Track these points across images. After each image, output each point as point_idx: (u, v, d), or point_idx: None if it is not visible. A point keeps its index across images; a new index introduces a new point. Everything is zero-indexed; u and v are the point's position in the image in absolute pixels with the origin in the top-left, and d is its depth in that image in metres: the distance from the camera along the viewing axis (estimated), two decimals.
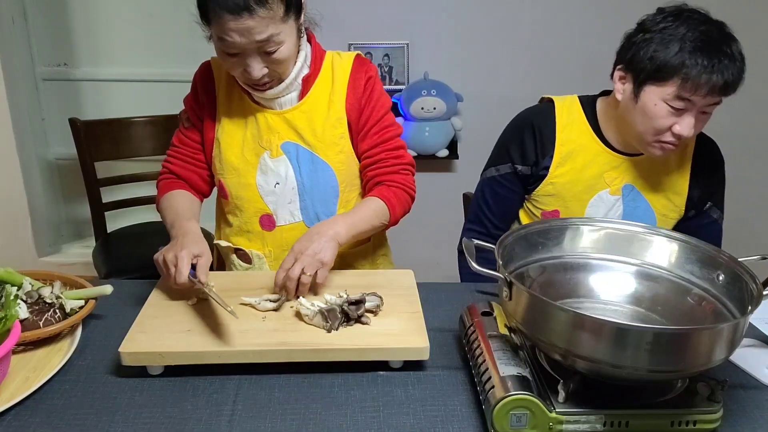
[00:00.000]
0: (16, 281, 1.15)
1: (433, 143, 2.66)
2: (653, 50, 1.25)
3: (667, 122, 1.28)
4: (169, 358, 1.02)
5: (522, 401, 0.88)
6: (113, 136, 2.28)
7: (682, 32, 1.24)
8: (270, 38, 1.20)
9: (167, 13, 2.70)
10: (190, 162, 1.42)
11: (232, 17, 1.15)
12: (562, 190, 1.43)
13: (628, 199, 1.43)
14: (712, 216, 1.49)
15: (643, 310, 1.07)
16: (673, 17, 1.27)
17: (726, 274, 1.00)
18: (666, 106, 1.27)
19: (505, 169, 1.48)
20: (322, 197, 1.39)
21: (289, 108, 1.36)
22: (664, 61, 1.24)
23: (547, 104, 1.47)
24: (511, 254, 1.05)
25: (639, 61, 1.28)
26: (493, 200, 1.51)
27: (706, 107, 1.28)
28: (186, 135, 1.42)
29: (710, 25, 1.26)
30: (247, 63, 1.23)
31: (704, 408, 0.91)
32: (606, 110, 1.42)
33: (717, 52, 1.22)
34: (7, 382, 0.99)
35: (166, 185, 1.42)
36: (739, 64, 1.24)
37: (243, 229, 1.43)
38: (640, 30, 1.30)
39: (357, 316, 1.10)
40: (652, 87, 1.27)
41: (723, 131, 2.71)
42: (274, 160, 1.37)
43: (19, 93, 2.68)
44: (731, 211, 2.80)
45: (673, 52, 1.23)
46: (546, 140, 1.43)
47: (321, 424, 0.94)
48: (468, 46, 2.65)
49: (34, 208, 2.79)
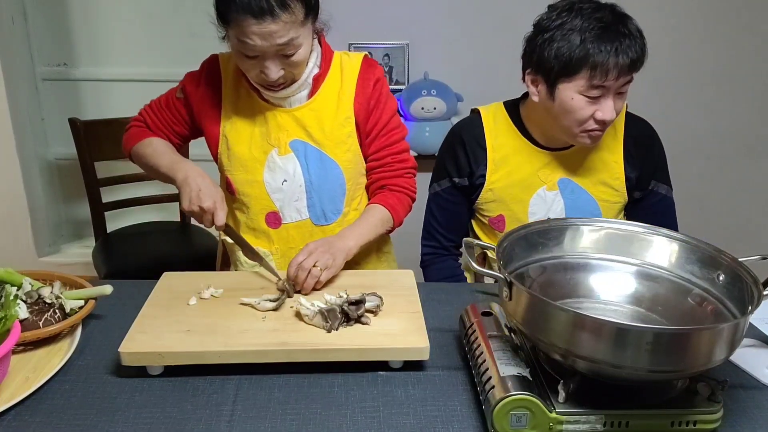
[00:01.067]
0: (16, 281, 1.15)
1: (433, 143, 2.66)
2: (556, 48, 1.28)
3: (587, 112, 1.31)
4: (169, 358, 1.02)
5: (522, 401, 0.88)
6: (113, 136, 2.26)
7: (578, 24, 1.27)
8: (290, 42, 1.21)
9: (167, 13, 2.70)
10: (166, 125, 1.45)
11: (255, 21, 1.16)
12: (501, 194, 1.46)
13: (566, 192, 1.45)
14: (660, 192, 1.50)
15: (643, 310, 1.07)
16: (566, 12, 1.30)
17: (726, 274, 1.00)
18: (583, 98, 1.30)
19: (444, 184, 1.53)
20: (330, 195, 1.40)
21: (299, 106, 1.37)
22: (569, 56, 1.27)
23: (474, 115, 1.51)
24: (511, 254, 1.05)
25: (546, 61, 1.31)
26: (440, 214, 1.56)
27: (620, 88, 1.31)
28: (173, 103, 1.44)
29: (603, 10, 1.29)
30: (265, 65, 1.24)
31: (704, 408, 0.91)
32: (528, 112, 1.46)
33: (617, 34, 1.26)
34: (7, 382, 0.99)
35: (142, 132, 1.44)
36: (640, 40, 1.28)
37: (249, 226, 1.43)
38: (538, 31, 1.34)
39: (357, 316, 1.10)
40: (564, 84, 1.30)
41: (723, 132, 2.72)
42: (283, 158, 1.37)
43: (19, 93, 2.68)
44: (731, 212, 2.81)
45: (576, 45, 1.26)
46: (477, 149, 1.46)
47: (321, 424, 0.94)
48: (468, 46, 2.65)
49: (34, 208, 2.79)
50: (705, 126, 2.68)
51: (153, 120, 1.45)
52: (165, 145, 1.41)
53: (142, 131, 1.45)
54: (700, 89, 2.64)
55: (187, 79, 1.43)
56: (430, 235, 1.59)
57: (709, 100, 2.67)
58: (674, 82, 2.65)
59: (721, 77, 2.62)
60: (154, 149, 1.39)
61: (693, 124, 2.70)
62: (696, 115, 2.68)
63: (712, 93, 2.67)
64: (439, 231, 1.57)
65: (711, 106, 2.67)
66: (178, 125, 1.45)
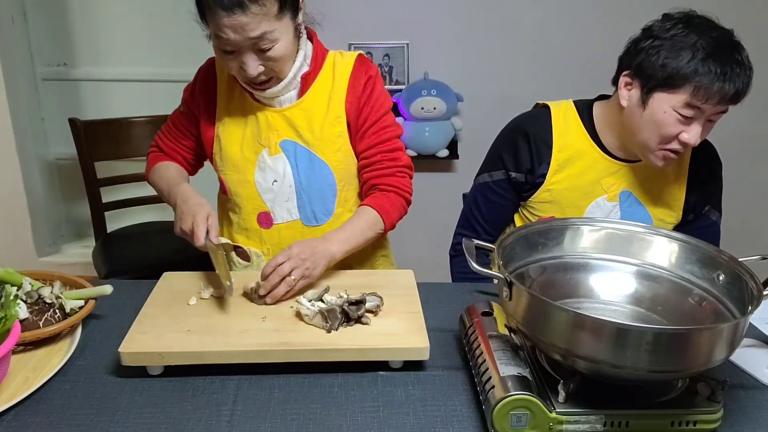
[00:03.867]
0: (16, 281, 1.15)
1: (433, 143, 2.66)
2: (664, 57, 1.23)
3: (674, 130, 1.26)
4: (169, 358, 1.02)
5: (522, 401, 0.88)
6: (113, 136, 2.28)
7: (693, 39, 1.22)
8: (263, 35, 1.20)
9: (167, 13, 2.70)
10: (176, 143, 1.49)
11: (226, 14, 1.17)
12: (559, 196, 1.42)
13: (625, 206, 1.41)
14: (711, 218, 1.48)
15: (644, 310, 1.07)
16: (683, 24, 1.25)
17: (726, 274, 1.00)
18: (675, 114, 1.25)
19: (498, 176, 1.47)
20: (320, 195, 1.39)
21: (289, 106, 1.36)
22: (676, 69, 1.22)
23: (542, 110, 1.46)
24: (511, 254, 1.05)
25: (648, 67, 1.25)
26: (485, 206, 1.50)
27: (713, 115, 1.26)
28: (178, 118, 1.48)
29: (720, 32, 1.24)
30: (242, 60, 1.24)
31: (704, 408, 0.91)
32: (604, 116, 1.41)
33: (729, 60, 1.21)
34: (7, 382, 0.99)
35: (155, 158, 1.50)
36: (749, 72, 1.23)
37: (242, 227, 1.44)
38: (647, 36, 1.28)
39: (357, 316, 1.10)
40: (662, 94, 1.25)
41: (723, 132, 2.72)
42: (273, 158, 1.37)
43: (19, 93, 2.68)
44: (731, 212, 2.80)
45: (686, 60, 1.21)
46: (542, 147, 1.41)
47: (321, 424, 0.94)
48: (468, 46, 2.65)
49: (34, 208, 2.79)
50: None
51: (165, 142, 1.50)
52: (168, 168, 1.45)
53: (155, 157, 1.50)
54: None
55: (186, 91, 1.45)
56: (470, 225, 1.53)
57: None
58: None
59: None
60: (160, 175, 1.44)
61: None
62: None
63: None
64: (480, 223, 1.51)
65: None
66: (186, 139, 1.47)
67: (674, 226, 1.46)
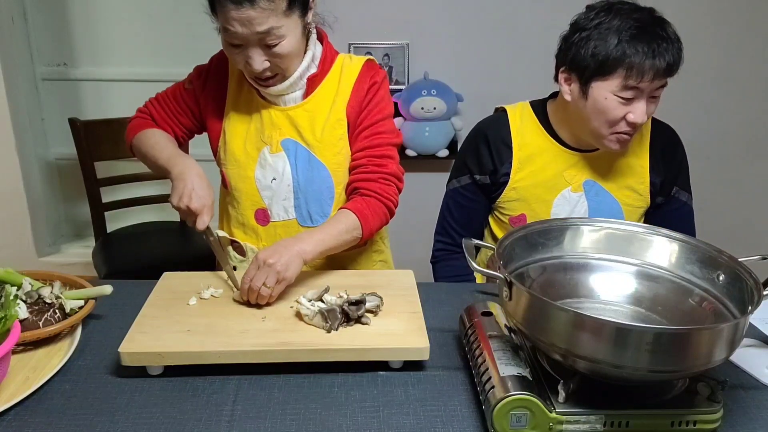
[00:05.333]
0: (16, 281, 1.15)
1: (433, 143, 2.66)
2: (593, 47, 1.28)
3: (619, 113, 1.31)
4: (169, 358, 1.02)
5: (522, 401, 0.88)
6: (113, 135, 2.28)
7: (616, 24, 1.27)
8: (270, 30, 1.21)
9: (167, 13, 2.70)
10: (171, 118, 1.44)
11: (234, 6, 1.18)
12: (525, 193, 1.45)
13: (591, 194, 1.44)
14: (681, 199, 1.51)
15: (644, 310, 1.07)
16: (604, 12, 1.30)
17: (726, 274, 1.00)
18: (616, 98, 1.30)
19: (465, 180, 1.51)
20: (317, 197, 1.39)
21: (293, 105, 1.37)
22: (606, 55, 1.27)
23: (500, 113, 1.50)
24: (511, 254, 1.05)
25: (581, 59, 1.31)
26: (457, 211, 1.54)
27: (654, 91, 1.31)
28: (181, 94, 1.44)
29: (641, 12, 1.29)
30: (248, 55, 1.24)
31: (704, 408, 0.91)
32: (557, 111, 1.45)
33: (654, 37, 1.25)
34: (7, 382, 0.99)
35: (144, 123, 1.44)
36: (677, 44, 1.28)
37: (239, 221, 1.44)
38: (575, 30, 1.33)
39: (357, 316, 1.10)
40: (598, 82, 1.30)
41: (724, 132, 2.72)
42: (274, 156, 1.38)
43: (19, 93, 2.68)
44: (731, 212, 2.82)
45: (613, 45, 1.26)
46: (501, 148, 1.45)
47: (321, 424, 0.94)
48: (468, 46, 2.65)
49: (34, 208, 2.79)
50: (705, 126, 2.67)
51: (158, 112, 1.44)
52: (167, 138, 1.40)
53: (146, 122, 1.44)
54: (700, 90, 2.63)
55: (195, 71, 1.44)
56: (445, 231, 1.56)
57: (709, 100, 2.67)
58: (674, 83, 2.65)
59: (721, 78, 2.62)
60: (156, 141, 1.37)
61: (693, 124, 2.69)
62: (696, 115, 2.68)
63: (712, 93, 2.66)
64: (454, 228, 1.54)
65: (711, 107, 2.67)
66: (184, 116, 1.44)
67: (644, 210, 1.49)
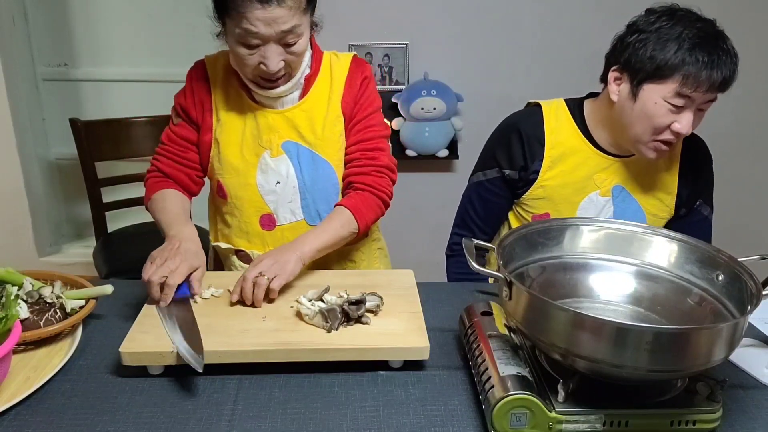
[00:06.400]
0: (17, 281, 1.15)
1: (433, 143, 2.66)
2: (651, 49, 1.26)
3: (666, 120, 1.29)
4: (169, 358, 1.02)
5: (522, 401, 0.88)
6: (114, 136, 2.28)
7: (678, 30, 1.25)
8: (293, 29, 1.21)
9: (167, 13, 2.70)
10: (177, 161, 1.41)
11: (261, 6, 1.17)
12: (552, 193, 1.44)
13: (618, 200, 1.43)
14: (703, 213, 1.50)
15: (643, 310, 1.07)
16: (667, 17, 1.28)
17: (725, 274, 1.00)
18: (666, 104, 1.28)
19: (492, 174, 1.48)
20: (324, 195, 1.40)
21: (290, 107, 1.36)
22: (664, 60, 1.25)
23: (534, 108, 1.48)
24: (511, 254, 1.05)
25: (637, 61, 1.28)
26: (480, 205, 1.52)
27: (703, 104, 1.30)
28: (174, 132, 1.41)
29: (704, 23, 1.28)
30: (265, 54, 1.23)
31: (704, 408, 0.91)
32: (595, 112, 1.43)
33: (715, 49, 1.24)
34: (8, 382, 0.99)
35: (155, 183, 1.41)
36: (734, 59, 1.27)
37: (242, 230, 1.42)
38: (633, 31, 1.31)
39: (357, 316, 1.10)
40: (651, 86, 1.28)
41: (724, 132, 2.72)
42: (275, 160, 1.37)
43: (20, 93, 2.68)
44: (731, 212, 2.81)
45: (673, 51, 1.24)
46: (534, 144, 1.43)
47: (321, 424, 0.94)
48: (468, 46, 2.65)
49: (35, 208, 2.80)
50: (705, 126, 2.67)
51: (164, 163, 1.41)
52: (172, 199, 1.37)
53: (154, 182, 1.41)
54: None
55: (176, 102, 1.41)
56: (465, 224, 1.54)
57: None
58: None
59: None
60: (162, 205, 1.35)
61: None
62: None
63: None
64: (476, 222, 1.52)
65: (711, 107, 2.67)
66: (188, 152, 1.41)
67: (667, 221, 1.48)
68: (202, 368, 0.98)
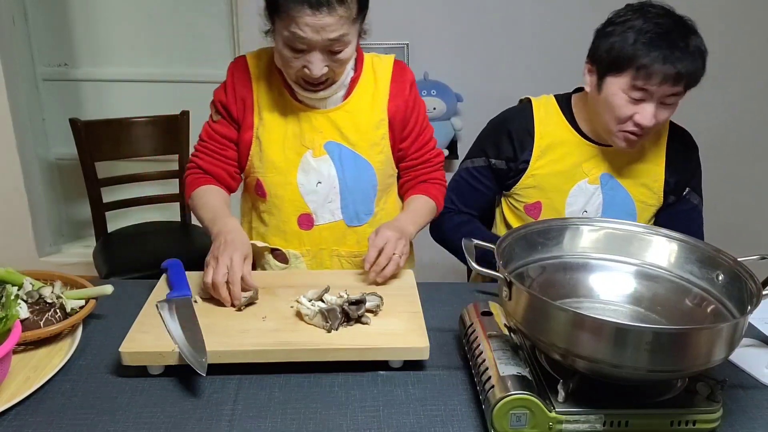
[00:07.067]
0: (17, 281, 1.15)
1: None
2: (611, 42, 1.32)
3: (627, 111, 1.33)
4: (169, 358, 1.02)
5: (522, 401, 0.88)
6: (114, 136, 2.28)
7: (639, 24, 1.29)
8: (340, 37, 1.21)
9: (167, 13, 2.70)
10: (217, 158, 1.41)
11: (311, 12, 1.16)
12: (542, 181, 1.48)
13: (606, 188, 1.47)
14: (692, 202, 1.53)
15: (643, 310, 1.07)
16: (634, 11, 1.32)
17: (725, 274, 1.00)
18: (625, 96, 1.32)
19: (479, 162, 1.54)
20: (363, 196, 1.41)
21: (334, 107, 1.37)
22: (619, 52, 1.30)
23: (525, 104, 1.54)
24: (511, 254, 1.05)
25: (600, 52, 1.34)
26: (464, 187, 1.57)
27: (665, 98, 1.32)
28: (214, 129, 1.41)
29: (668, 18, 1.31)
30: (309, 60, 1.23)
31: (704, 408, 0.91)
32: (579, 104, 1.49)
33: (671, 44, 1.27)
34: (8, 382, 0.99)
35: (195, 180, 1.41)
36: (695, 57, 1.29)
37: (280, 229, 1.42)
38: (605, 24, 1.37)
39: (357, 316, 1.10)
40: (611, 78, 1.33)
41: (724, 131, 2.72)
42: (317, 160, 1.37)
43: (20, 93, 2.68)
44: (731, 212, 2.81)
45: (629, 43, 1.29)
46: (524, 136, 1.48)
47: (321, 424, 0.94)
48: (468, 46, 2.65)
49: (35, 208, 2.80)
50: (705, 126, 2.67)
51: (204, 160, 1.41)
52: (213, 195, 1.37)
53: (194, 179, 1.41)
54: (699, 89, 2.63)
55: (217, 97, 1.40)
56: (449, 200, 1.57)
57: (709, 99, 2.66)
58: None
59: (721, 77, 2.62)
60: (204, 201, 1.36)
61: (693, 123, 2.68)
62: (696, 115, 2.66)
63: (712, 93, 2.66)
64: (454, 201, 1.56)
65: (711, 106, 2.67)
66: (227, 149, 1.41)
67: (657, 209, 1.51)
68: (205, 371, 0.98)
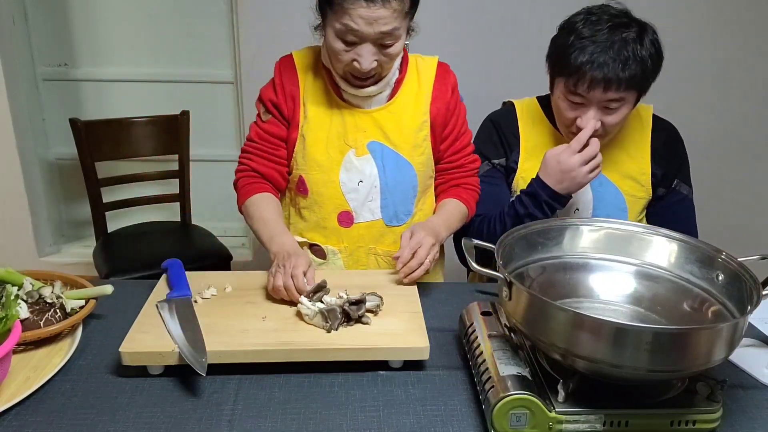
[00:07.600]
0: (17, 281, 1.15)
1: None
2: (556, 45, 1.34)
3: (569, 115, 1.36)
4: (169, 358, 1.02)
5: (522, 401, 0.88)
6: (114, 136, 2.28)
7: (579, 28, 1.30)
8: (392, 31, 1.22)
9: (167, 13, 2.70)
10: (269, 158, 1.41)
11: (366, 4, 1.18)
12: None
13: (595, 184, 1.47)
14: (682, 192, 1.54)
15: (643, 310, 1.07)
16: (584, 14, 1.33)
17: (725, 274, 1.00)
18: (565, 100, 1.34)
19: (484, 168, 1.54)
20: (403, 197, 1.42)
21: (378, 107, 1.38)
22: (558, 56, 1.32)
23: (509, 107, 1.55)
24: (511, 254, 1.05)
25: (549, 54, 1.38)
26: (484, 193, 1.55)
27: (607, 103, 1.32)
28: (264, 129, 1.40)
29: (610, 23, 1.29)
30: (359, 53, 1.24)
31: (704, 408, 0.91)
32: None
33: (603, 51, 1.27)
34: (8, 382, 0.99)
35: (249, 185, 1.40)
36: (629, 63, 1.26)
37: (320, 225, 1.43)
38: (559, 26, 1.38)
39: (357, 316, 1.10)
40: (556, 81, 1.36)
41: (724, 132, 2.72)
42: (360, 159, 1.38)
43: (20, 93, 2.68)
44: (731, 212, 2.81)
45: (563, 47, 1.31)
46: (510, 137, 1.50)
47: (321, 424, 0.94)
48: (468, 46, 2.65)
49: (35, 208, 2.80)
50: (705, 126, 2.68)
51: (256, 161, 1.41)
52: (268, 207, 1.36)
53: (247, 183, 1.40)
54: (699, 89, 2.63)
55: (266, 96, 1.40)
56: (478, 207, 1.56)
57: (709, 100, 2.67)
58: (674, 82, 2.64)
59: (721, 77, 2.62)
60: (258, 214, 1.34)
61: (693, 124, 2.68)
62: (696, 115, 2.68)
63: (712, 93, 2.67)
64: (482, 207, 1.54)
65: (711, 106, 2.67)
66: (278, 149, 1.41)
67: (647, 201, 1.52)
68: (205, 371, 0.98)
